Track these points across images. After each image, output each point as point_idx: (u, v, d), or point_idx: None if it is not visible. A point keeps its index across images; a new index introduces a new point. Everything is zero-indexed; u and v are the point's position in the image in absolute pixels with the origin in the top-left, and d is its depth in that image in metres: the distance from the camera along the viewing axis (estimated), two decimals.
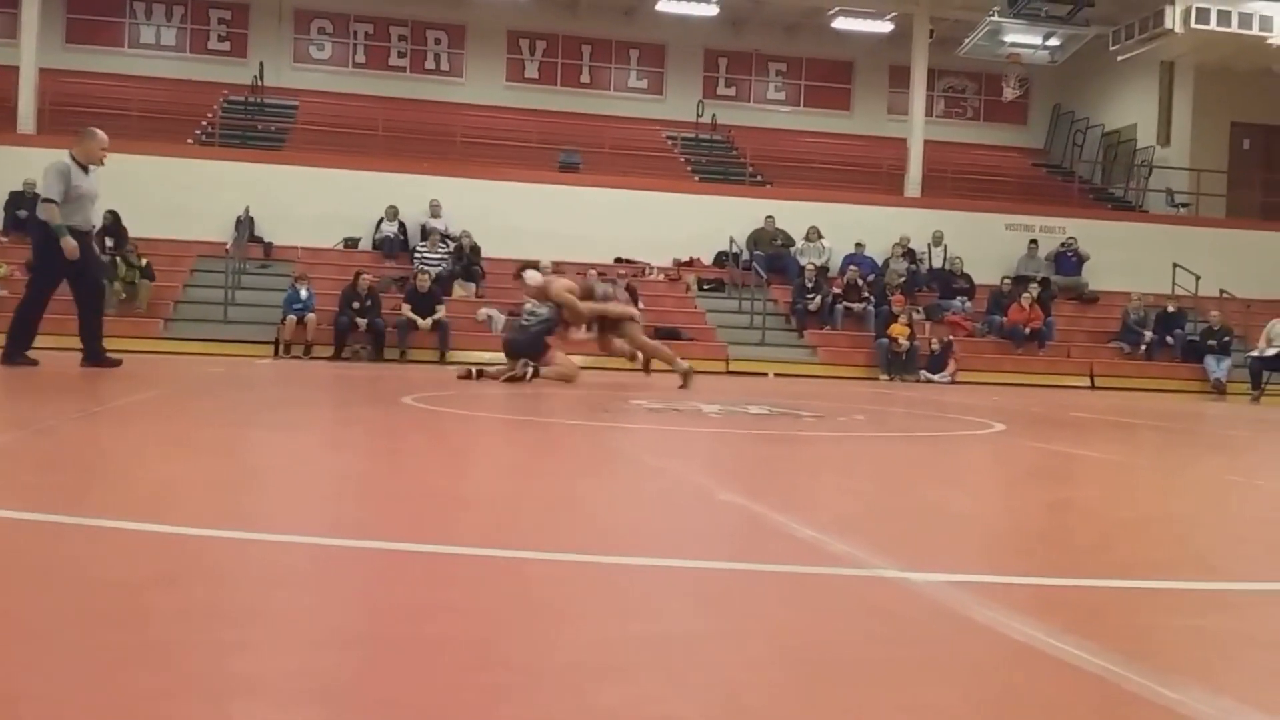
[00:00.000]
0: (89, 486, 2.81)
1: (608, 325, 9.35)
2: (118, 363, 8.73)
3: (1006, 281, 18.01)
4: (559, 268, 16.34)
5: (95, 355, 8.59)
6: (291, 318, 14.63)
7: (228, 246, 15.96)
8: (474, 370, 9.32)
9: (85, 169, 8.31)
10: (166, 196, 16.64)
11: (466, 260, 16.79)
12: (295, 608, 1.63)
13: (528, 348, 9.06)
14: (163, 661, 1.29)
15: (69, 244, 8.06)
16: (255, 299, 15.38)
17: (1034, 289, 17.52)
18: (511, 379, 8.89)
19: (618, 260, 17.72)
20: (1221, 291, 18.37)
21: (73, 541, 2.02)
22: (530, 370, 8.90)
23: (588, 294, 9.32)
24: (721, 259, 18.44)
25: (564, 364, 9.11)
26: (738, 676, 1.34)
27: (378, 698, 1.20)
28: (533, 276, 9.50)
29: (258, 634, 1.45)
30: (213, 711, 1.12)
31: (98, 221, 8.69)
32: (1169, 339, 17.47)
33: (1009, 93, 21.35)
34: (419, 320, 14.93)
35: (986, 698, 1.31)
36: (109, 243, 15.67)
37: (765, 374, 15.03)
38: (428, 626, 1.51)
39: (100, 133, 8.51)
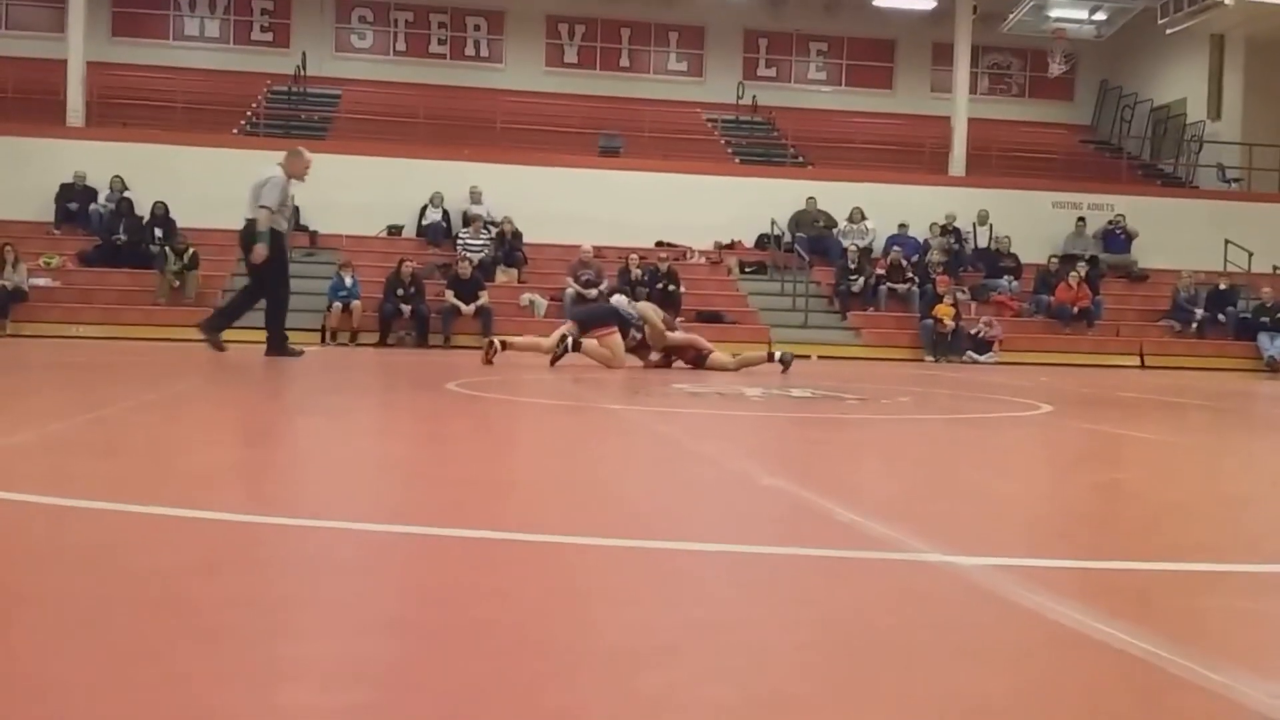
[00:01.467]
0: (137, 473, 2.86)
1: (692, 358, 9.63)
2: (299, 353, 9.85)
3: (1054, 260, 17.78)
4: (600, 252, 16.41)
5: (279, 346, 9.68)
6: (337, 305, 14.76)
7: None
8: (498, 342, 9.35)
9: (291, 182, 9.60)
10: (212, 187, 16.82)
11: (508, 246, 16.84)
12: (339, 593, 1.65)
13: (591, 318, 9.27)
14: (208, 646, 1.32)
15: (260, 250, 9.25)
16: (301, 287, 15.43)
17: (1082, 268, 17.28)
18: (555, 358, 8.96)
19: (659, 244, 17.70)
20: (1275, 268, 18.03)
21: (120, 528, 2.05)
22: (570, 342, 8.92)
23: (669, 327, 9.74)
24: (763, 241, 18.35)
25: (613, 348, 9.11)
26: (780, 661, 1.34)
27: (422, 682, 1.21)
28: (620, 300, 10.07)
29: (303, 619, 1.47)
30: (259, 695, 1.14)
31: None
32: (1220, 316, 17.18)
33: (1055, 68, 21.05)
34: (462, 306, 15.01)
35: (1031, 682, 1.31)
36: (158, 233, 15.88)
37: (808, 357, 14.95)
38: (471, 611, 1.52)
39: (307, 152, 9.80)
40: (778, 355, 9.65)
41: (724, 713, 1.13)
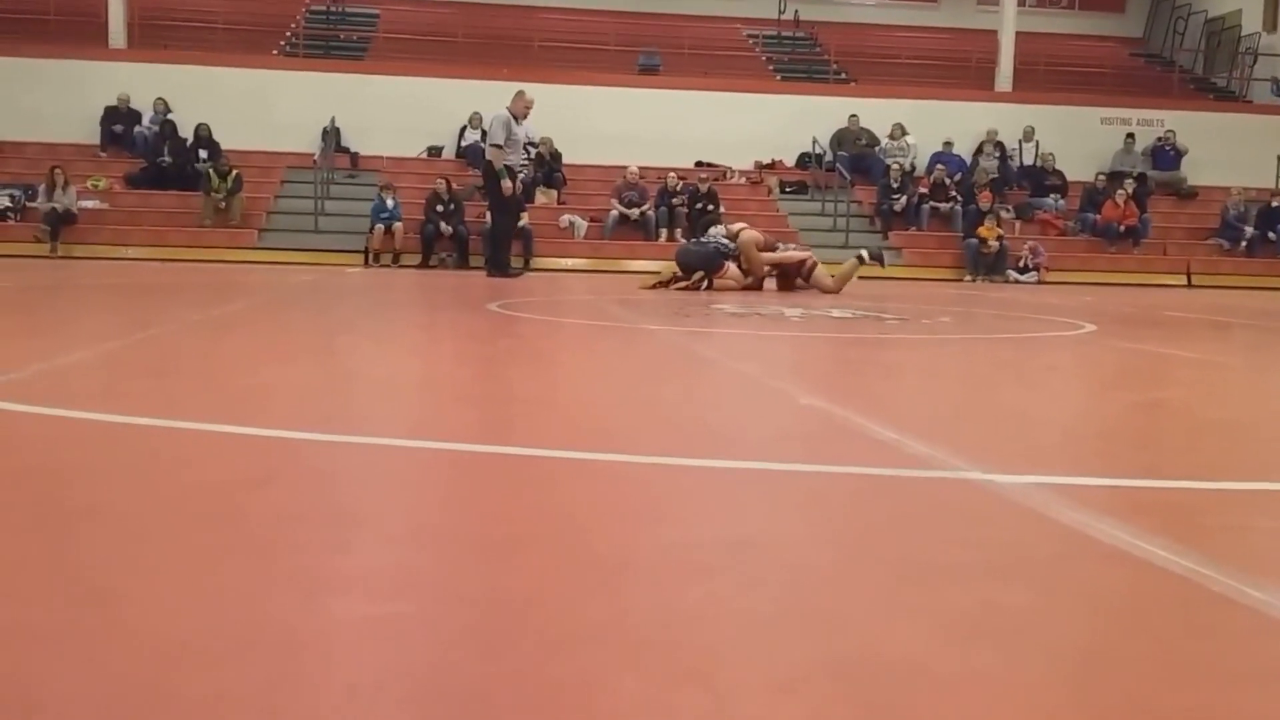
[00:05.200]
0: (188, 392, 2.91)
1: (790, 272, 9.83)
2: (519, 273, 11.35)
3: (1101, 178, 17.43)
4: (644, 173, 16.29)
5: (501, 266, 11.06)
6: (379, 227, 14.80)
7: (315, 157, 16.14)
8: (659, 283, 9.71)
9: (517, 120, 10.87)
10: (254, 108, 16.83)
11: (548, 167, 16.75)
12: (387, 507, 1.68)
13: (703, 261, 9.54)
14: (260, 559, 1.35)
15: (507, 185, 10.65)
16: (344, 209, 15.58)
17: (1129, 185, 16.94)
18: (685, 287, 9.34)
19: (698, 164, 17.52)
20: None
21: (172, 444, 2.10)
22: (706, 282, 9.41)
23: (769, 247, 9.95)
24: (804, 160, 18.11)
25: (734, 275, 9.59)
26: (817, 577, 1.35)
27: (465, 593, 1.24)
28: (717, 231, 10.24)
29: (350, 532, 1.50)
30: (308, 605, 1.17)
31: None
32: (1271, 235, 16.81)
33: None
34: None
35: (1069, 597, 1.31)
36: (203, 155, 15.93)
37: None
38: (513, 525, 1.55)
39: (528, 92, 11.13)
40: (865, 255, 9.84)
41: (761, 625, 1.15)
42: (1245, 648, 1.14)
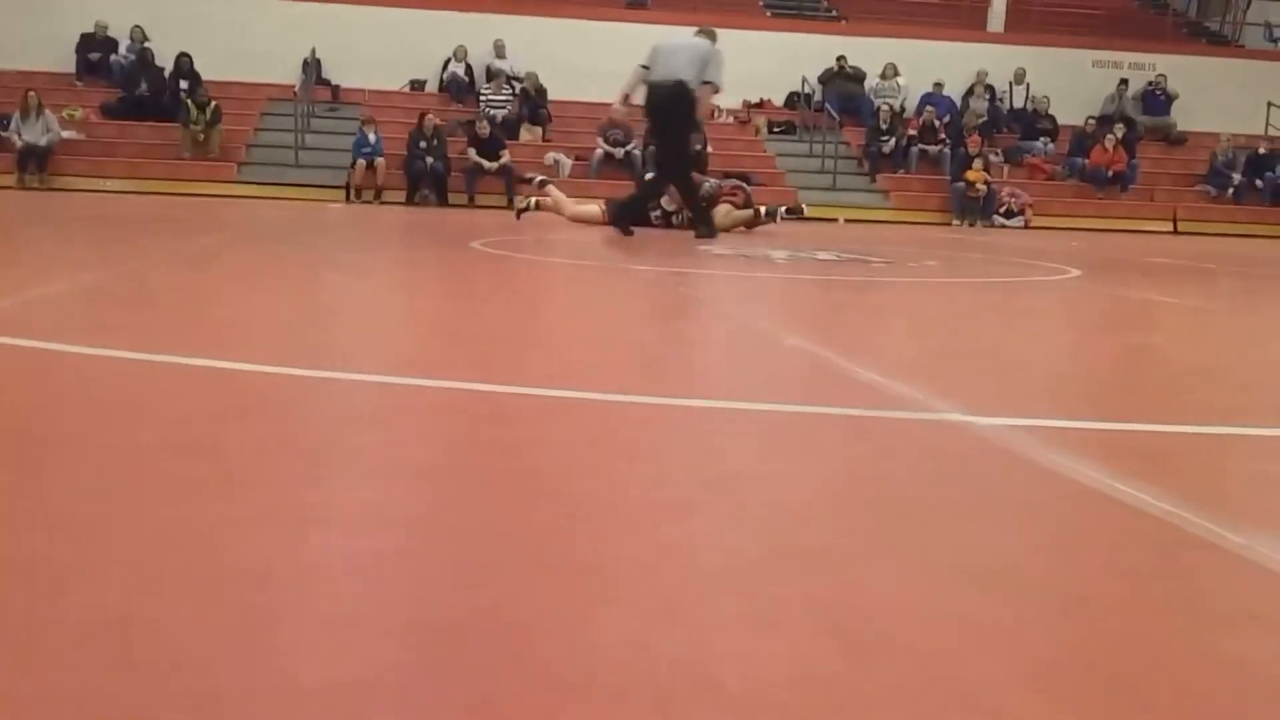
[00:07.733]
0: (169, 325, 2.89)
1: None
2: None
3: (1091, 122, 17.36)
4: (634, 116, 16.09)
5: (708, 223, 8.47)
6: (361, 162, 14.64)
7: (295, 89, 15.90)
8: (532, 203, 10.00)
9: None
10: (233, 38, 16.53)
11: (533, 103, 16.56)
12: (366, 442, 1.67)
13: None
14: (238, 492, 1.34)
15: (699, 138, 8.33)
16: (325, 143, 15.38)
17: (1119, 130, 16.87)
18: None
19: None
20: None
21: (150, 378, 2.08)
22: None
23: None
24: (793, 100, 17.96)
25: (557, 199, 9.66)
26: (797, 516, 1.35)
27: (447, 529, 1.24)
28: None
29: (330, 467, 1.49)
30: (288, 539, 1.17)
31: None
32: (1258, 182, 16.82)
33: None
34: (485, 164, 14.85)
35: (1047, 539, 1.32)
36: (183, 85, 15.66)
37: (836, 219, 14.79)
38: (495, 462, 1.55)
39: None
40: (779, 211, 9.96)
41: (742, 562, 1.15)
42: (1221, 589, 1.15)
